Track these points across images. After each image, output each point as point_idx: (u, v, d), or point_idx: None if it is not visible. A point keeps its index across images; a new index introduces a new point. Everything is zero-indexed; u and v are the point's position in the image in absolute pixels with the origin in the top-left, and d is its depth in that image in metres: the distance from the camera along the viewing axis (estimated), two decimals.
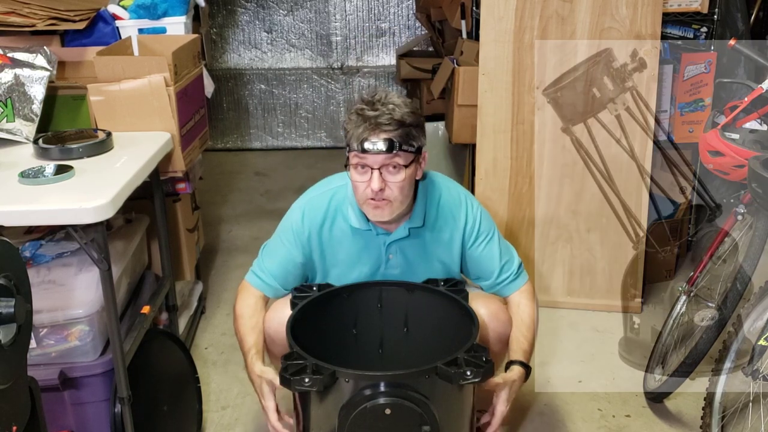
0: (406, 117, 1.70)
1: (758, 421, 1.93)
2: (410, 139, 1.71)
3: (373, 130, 1.67)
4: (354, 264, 1.92)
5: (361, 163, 1.71)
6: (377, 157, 1.68)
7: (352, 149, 1.71)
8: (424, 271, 1.92)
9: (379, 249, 1.90)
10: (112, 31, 2.61)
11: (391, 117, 1.67)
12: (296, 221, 1.91)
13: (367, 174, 1.72)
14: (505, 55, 2.75)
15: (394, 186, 1.72)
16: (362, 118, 1.69)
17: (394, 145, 1.67)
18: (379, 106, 1.69)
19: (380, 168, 1.70)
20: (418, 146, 1.74)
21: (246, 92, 5.30)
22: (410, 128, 1.71)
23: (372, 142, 1.67)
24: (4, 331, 1.20)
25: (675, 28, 3.18)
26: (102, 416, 1.88)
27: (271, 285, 1.93)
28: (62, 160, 1.93)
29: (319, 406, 1.58)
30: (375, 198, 1.73)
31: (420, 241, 1.91)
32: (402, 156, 1.70)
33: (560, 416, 2.31)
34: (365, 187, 1.73)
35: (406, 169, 1.72)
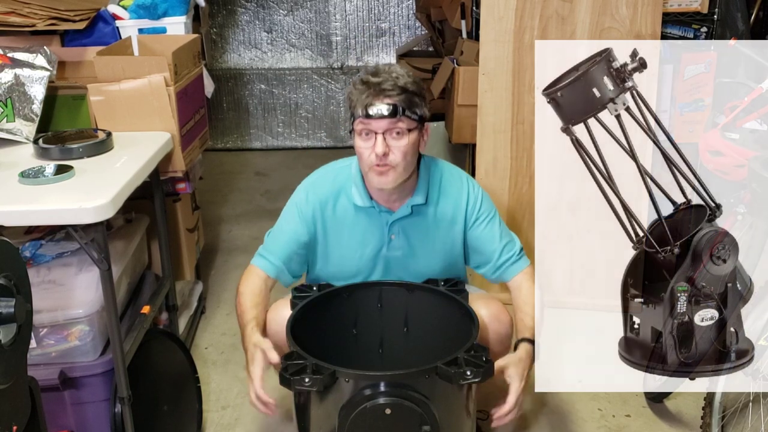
0: (409, 85, 1.75)
1: (758, 421, 1.93)
2: (413, 106, 1.75)
3: (377, 95, 1.72)
4: (356, 246, 1.93)
5: (366, 129, 1.75)
6: (381, 122, 1.73)
7: (356, 116, 1.76)
8: (427, 255, 1.93)
9: (382, 229, 1.91)
10: (112, 31, 2.61)
11: (394, 83, 1.73)
12: (301, 200, 1.94)
13: (371, 140, 1.75)
14: (505, 55, 2.75)
15: (398, 151, 1.76)
16: (366, 84, 1.74)
17: (397, 110, 1.72)
18: (383, 74, 1.75)
19: (384, 133, 1.74)
20: (420, 115, 1.78)
21: (246, 92, 5.30)
22: (413, 95, 1.75)
23: (376, 108, 1.72)
24: (4, 331, 1.20)
25: (675, 28, 3.18)
26: (102, 416, 1.88)
27: (276, 265, 1.93)
28: (62, 160, 1.93)
29: (319, 406, 1.58)
30: (379, 164, 1.76)
31: (422, 221, 1.92)
32: (405, 121, 1.74)
33: (560, 416, 2.31)
34: (370, 153, 1.76)
35: (409, 134, 1.76)
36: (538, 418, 2.30)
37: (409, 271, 1.94)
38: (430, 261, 1.95)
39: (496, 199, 2.83)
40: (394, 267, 1.95)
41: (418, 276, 1.93)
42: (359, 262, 1.94)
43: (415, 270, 1.94)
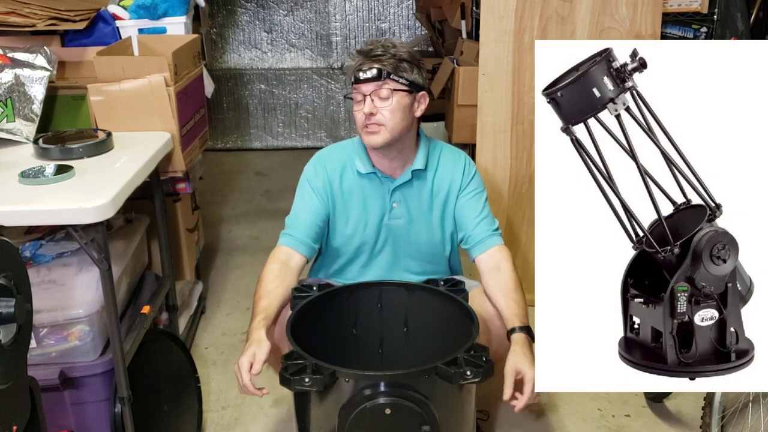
0: (400, 52, 1.87)
1: (758, 421, 1.93)
2: (400, 71, 1.86)
3: (365, 61, 1.86)
4: (361, 214, 1.99)
5: (357, 92, 1.87)
6: (368, 84, 1.85)
7: (350, 82, 1.90)
8: (426, 225, 2.01)
9: (384, 196, 1.99)
10: (112, 31, 2.61)
11: (384, 50, 1.86)
12: (310, 174, 2.02)
13: (362, 103, 1.87)
14: (505, 55, 2.75)
15: (385, 111, 1.86)
16: (359, 53, 1.89)
17: (382, 73, 1.83)
18: (376, 44, 1.88)
19: (371, 95, 1.85)
20: (410, 81, 1.88)
21: (246, 92, 5.30)
22: (402, 62, 1.86)
23: (363, 71, 1.84)
24: (4, 331, 1.20)
25: (675, 28, 3.18)
26: (102, 416, 1.88)
27: (301, 239, 1.95)
28: (62, 160, 1.93)
29: (319, 406, 1.58)
30: (368, 123, 1.87)
31: (422, 189, 2.00)
32: (391, 83, 1.85)
33: (560, 416, 2.32)
34: (360, 114, 1.87)
35: (394, 95, 1.85)
36: (539, 418, 2.31)
37: (410, 241, 2.01)
38: (429, 231, 2.02)
39: (496, 198, 2.83)
40: (397, 237, 2.01)
41: (419, 247, 2.02)
42: (364, 232, 2.00)
43: (417, 241, 2.02)
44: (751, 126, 1.67)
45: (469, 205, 2.01)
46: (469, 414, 1.68)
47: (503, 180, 2.86)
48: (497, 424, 2.27)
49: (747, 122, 1.66)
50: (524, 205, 2.88)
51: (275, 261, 1.93)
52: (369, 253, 2.03)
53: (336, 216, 2.01)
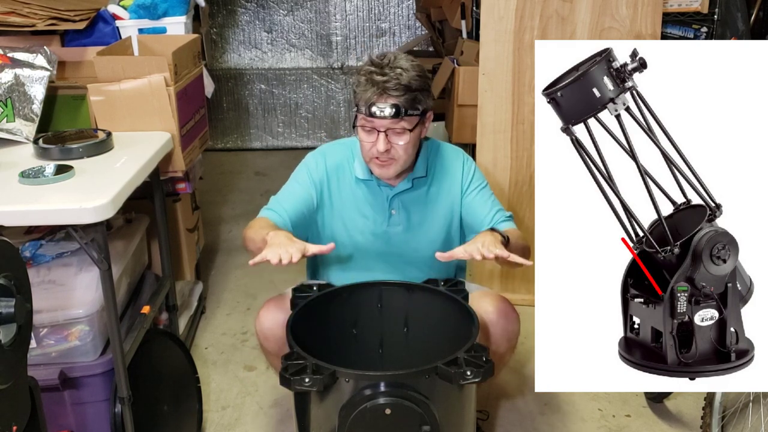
0: (413, 82, 1.77)
1: (758, 421, 1.94)
2: (416, 104, 1.79)
3: (380, 95, 1.75)
4: (357, 217, 1.95)
5: (368, 125, 1.79)
6: (383, 121, 1.77)
7: (360, 111, 1.80)
8: (427, 231, 1.97)
9: (383, 203, 1.95)
10: (112, 31, 2.61)
11: (398, 83, 1.74)
12: (311, 164, 2.00)
13: (374, 135, 1.80)
14: (505, 55, 2.75)
15: (399, 148, 1.81)
16: (371, 82, 1.76)
17: (400, 111, 1.76)
18: (387, 71, 1.76)
19: (386, 131, 1.78)
20: (423, 109, 1.82)
21: (246, 92, 5.30)
22: (416, 93, 1.78)
23: (379, 107, 1.75)
24: (4, 331, 1.20)
25: (675, 28, 3.18)
26: (102, 416, 1.88)
27: (284, 218, 1.93)
28: (62, 160, 1.92)
29: (319, 406, 1.58)
30: (380, 158, 1.82)
31: (422, 195, 1.96)
32: (407, 120, 1.78)
33: (560, 416, 2.32)
34: (371, 146, 1.81)
35: (411, 133, 1.80)
36: (539, 418, 2.31)
37: (409, 248, 1.98)
38: (431, 237, 1.98)
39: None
40: (396, 244, 1.97)
41: (419, 252, 1.97)
42: (360, 239, 1.97)
43: (416, 248, 1.98)
44: (751, 126, 1.67)
45: (477, 202, 1.98)
46: (469, 414, 1.68)
47: (503, 180, 2.86)
48: (497, 424, 2.27)
49: (747, 122, 1.66)
50: (524, 205, 2.88)
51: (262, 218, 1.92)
52: (365, 260, 2.00)
53: (324, 216, 1.97)
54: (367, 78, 1.77)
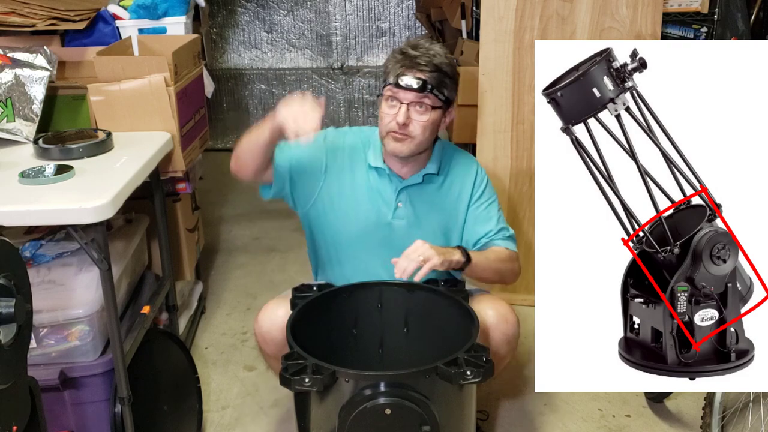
0: (444, 65, 1.82)
1: (758, 421, 1.94)
2: (442, 86, 1.83)
3: (410, 68, 1.80)
4: (363, 203, 1.95)
5: (393, 96, 1.82)
6: (408, 93, 1.80)
7: (387, 83, 1.84)
8: (430, 229, 1.97)
9: (391, 194, 1.95)
10: (112, 31, 2.61)
11: (429, 60, 1.80)
12: (330, 131, 2.03)
13: (396, 108, 1.83)
14: (505, 55, 2.75)
15: (418, 124, 1.83)
16: (404, 56, 1.82)
17: (426, 86, 1.79)
18: (422, 50, 1.82)
19: (409, 104, 1.81)
20: (447, 97, 1.85)
21: (246, 92, 5.30)
22: (444, 76, 1.83)
23: (407, 79, 1.79)
24: (4, 331, 1.20)
25: (675, 28, 3.18)
26: (102, 416, 1.88)
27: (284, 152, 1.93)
28: (62, 160, 1.93)
29: (319, 406, 1.58)
30: (397, 131, 1.83)
31: (431, 192, 1.98)
32: (431, 98, 1.81)
33: (560, 416, 2.32)
34: (391, 119, 1.83)
35: (432, 112, 1.83)
36: (538, 418, 2.31)
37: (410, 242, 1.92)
38: (431, 235, 1.95)
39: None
40: (398, 238, 1.94)
41: None
42: (365, 224, 1.96)
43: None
44: (751, 126, 1.67)
45: (483, 216, 1.99)
46: (469, 414, 1.68)
47: (503, 180, 2.86)
48: (497, 424, 2.27)
49: (747, 122, 1.66)
50: (524, 205, 2.88)
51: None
52: (364, 249, 1.98)
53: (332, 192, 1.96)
54: (401, 53, 1.83)
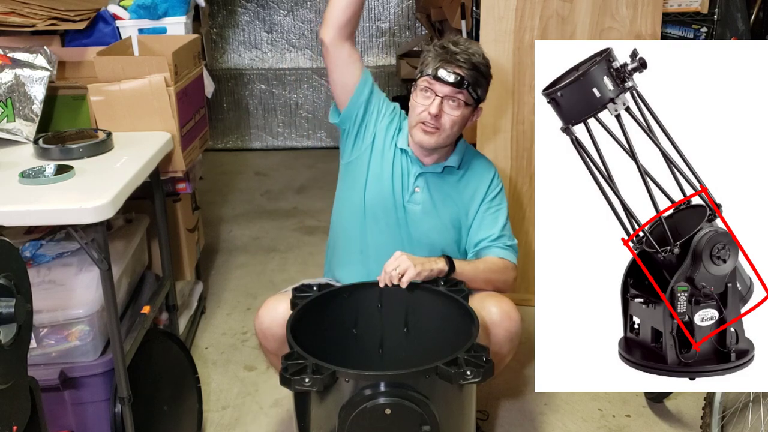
0: (481, 66, 1.89)
1: (758, 421, 1.94)
2: (477, 85, 1.89)
3: (449, 62, 1.85)
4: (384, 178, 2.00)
5: (429, 87, 1.87)
6: (444, 87, 1.86)
7: (424, 74, 1.89)
8: (443, 220, 2.01)
9: (409, 177, 2.00)
10: (112, 31, 2.61)
11: (468, 58, 1.86)
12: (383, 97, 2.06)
13: (430, 99, 1.88)
14: (505, 55, 2.75)
15: (449, 118, 1.88)
16: (444, 50, 1.87)
17: (463, 82, 1.86)
18: (462, 46, 1.88)
19: (443, 97, 1.86)
20: (479, 96, 1.92)
21: (246, 92, 5.30)
22: (480, 75, 1.89)
23: (445, 73, 1.85)
24: (4, 331, 1.20)
25: (675, 28, 3.18)
26: (102, 416, 1.88)
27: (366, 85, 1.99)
28: (62, 160, 1.93)
29: (319, 406, 1.58)
30: (428, 122, 1.88)
31: (449, 183, 2.02)
32: (465, 95, 1.87)
33: (560, 416, 2.32)
34: (423, 110, 1.88)
35: (464, 108, 1.89)
36: (539, 418, 2.31)
37: (421, 229, 2.01)
38: (442, 226, 2.02)
39: None
40: (411, 222, 2.00)
41: (429, 238, 2.00)
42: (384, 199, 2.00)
43: (428, 231, 2.01)
44: (751, 126, 1.67)
45: (490, 219, 2.03)
46: (469, 414, 1.68)
47: (503, 180, 2.85)
48: (497, 424, 2.27)
49: (747, 122, 1.67)
50: (524, 205, 2.88)
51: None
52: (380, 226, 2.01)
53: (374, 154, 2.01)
54: (441, 47, 1.88)
